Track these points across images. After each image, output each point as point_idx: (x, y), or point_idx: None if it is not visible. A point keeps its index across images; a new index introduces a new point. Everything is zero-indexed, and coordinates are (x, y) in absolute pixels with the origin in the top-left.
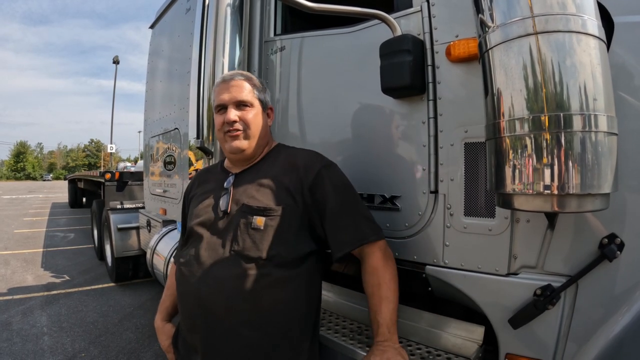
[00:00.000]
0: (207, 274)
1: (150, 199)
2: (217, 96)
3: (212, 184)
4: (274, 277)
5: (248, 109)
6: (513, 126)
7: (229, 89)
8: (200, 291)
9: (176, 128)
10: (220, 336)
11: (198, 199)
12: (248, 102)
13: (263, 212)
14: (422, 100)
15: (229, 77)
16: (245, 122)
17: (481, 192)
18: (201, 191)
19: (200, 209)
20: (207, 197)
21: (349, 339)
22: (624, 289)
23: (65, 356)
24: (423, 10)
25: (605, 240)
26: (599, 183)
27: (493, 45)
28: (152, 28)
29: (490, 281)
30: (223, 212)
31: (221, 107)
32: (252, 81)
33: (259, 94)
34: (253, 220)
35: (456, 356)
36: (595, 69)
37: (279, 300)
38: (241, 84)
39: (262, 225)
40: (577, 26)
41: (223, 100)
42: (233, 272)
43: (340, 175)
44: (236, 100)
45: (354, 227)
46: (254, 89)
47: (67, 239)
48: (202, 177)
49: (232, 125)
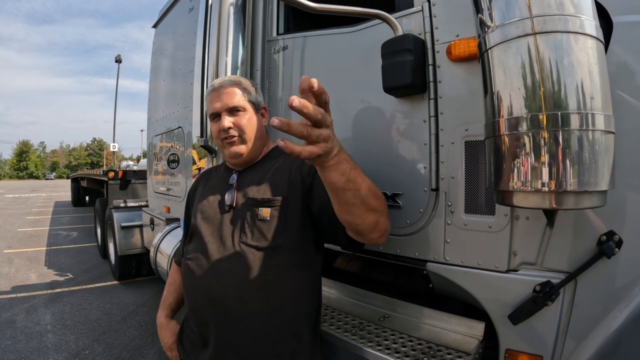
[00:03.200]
0: (215, 267)
1: (153, 197)
2: (210, 105)
3: (216, 182)
4: (282, 267)
5: (241, 113)
6: (512, 124)
7: (220, 97)
8: (210, 284)
9: (180, 127)
10: (230, 328)
11: (202, 196)
12: (240, 107)
13: (268, 203)
14: (423, 99)
15: (218, 84)
16: (239, 128)
17: (481, 189)
18: (205, 189)
19: (205, 204)
20: (211, 193)
21: (350, 334)
22: (622, 285)
23: (69, 353)
24: (424, 10)
25: (603, 237)
26: (596, 180)
27: (492, 45)
28: (155, 27)
29: (490, 277)
30: (229, 207)
31: (215, 115)
32: (242, 85)
33: (250, 96)
34: (259, 211)
35: (457, 352)
36: (592, 69)
37: (286, 291)
38: (231, 91)
39: (267, 215)
40: (575, 27)
41: (216, 109)
42: (242, 264)
43: None
44: (228, 107)
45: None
46: (244, 93)
47: (70, 237)
48: (207, 176)
49: (227, 132)
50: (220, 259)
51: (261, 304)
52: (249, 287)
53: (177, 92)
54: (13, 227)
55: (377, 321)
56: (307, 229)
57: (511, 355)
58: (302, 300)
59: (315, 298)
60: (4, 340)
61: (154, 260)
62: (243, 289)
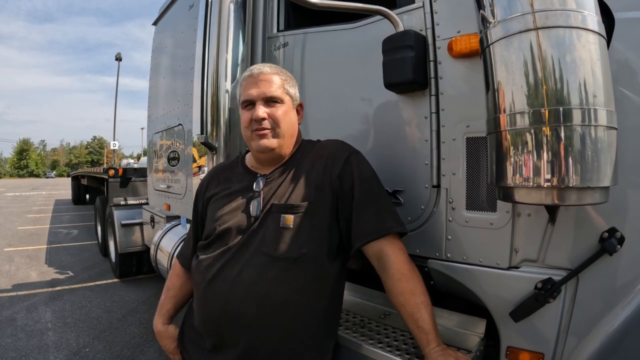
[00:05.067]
0: (235, 277)
1: (154, 194)
2: (243, 91)
3: (237, 185)
4: (305, 279)
5: (278, 105)
6: (513, 120)
7: (257, 84)
8: (228, 296)
9: (180, 124)
10: (249, 340)
11: (222, 200)
12: (278, 98)
13: (292, 210)
14: (424, 96)
15: (257, 70)
16: (274, 120)
17: (483, 186)
18: (224, 192)
19: (227, 211)
20: (232, 199)
21: (352, 332)
22: (624, 282)
23: (69, 351)
24: (425, 6)
25: (605, 234)
26: (598, 176)
27: (494, 40)
28: (155, 25)
29: (492, 275)
30: (254, 218)
31: (248, 103)
32: (282, 74)
33: (290, 89)
34: (282, 219)
35: (458, 349)
36: (595, 65)
37: (309, 302)
38: (270, 78)
39: (291, 223)
40: (577, 22)
41: (251, 96)
42: (263, 276)
43: (367, 164)
44: (265, 96)
45: (378, 217)
46: (284, 83)
47: (70, 235)
48: (222, 176)
49: (260, 123)
50: (241, 269)
51: (281, 316)
52: (268, 300)
53: (177, 90)
54: (13, 225)
55: (379, 319)
56: (333, 234)
57: (512, 353)
58: (323, 309)
59: (337, 304)
60: (4, 338)
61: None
62: (263, 303)
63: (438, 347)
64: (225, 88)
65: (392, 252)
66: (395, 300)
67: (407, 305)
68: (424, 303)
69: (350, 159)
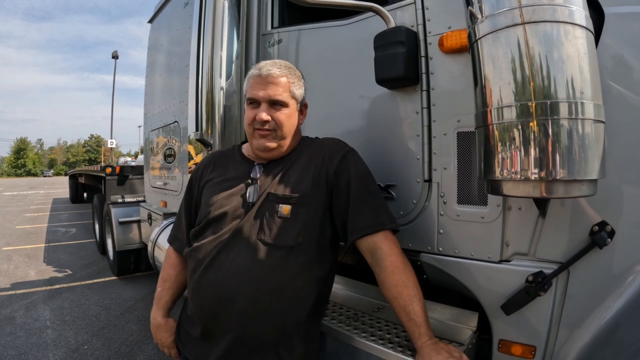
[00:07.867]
0: (230, 264)
1: (150, 192)
2: (250, 88)
3: (233, 172)
4: (299, 266)
5: (282, 109)
6: (501, 114)
7: (265, 86)
8: (224, 282)
9: (176, 121)
10: (241, 325)
11: (217, 186)
12: (283, 102)
13: (289, 200)
14: (415, 91)
15: (267, 71)
16: (277, 123)
17: (474, 180)
18: (220, 178)
19: (223, 197)
20: (229, 185)
21: (345, 325)
22: (615, 275)
23: (68, 349)
24: (416, 2)
25: (595, 227)
26: (586, 169)
27: (481, 35)
28: (151, 22)
29: (483, 268)
30: (251, 204)
31: (253, 101)
32: (291, 76)
33: (295, 92)
34: (279, 208)
35: (450, 342)
36: (582, 59)
37: (300, 289)
38: (278, 81)
39: (288, 213)
40: (564, 16)
41: (257, 96)
42: (258, 263)
43: (363, 162)
44: (270, 99)
45: (373, 213)
46: (291, 86)
47: (68, 233)
48: (218, 162)
49: (263, 124)
50: (236, 256)
51: (274, 302)
52: (264, 286)
53: (173, 87)
54: (11, 224)
55: (372, 312)
56: (326, 226)
57: (505, 346)
58: (314, 297)
59: (326, 293)
60: (3, 337)
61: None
62: (258, 288)
63: (430, 341)
64: (220, 85)
65: (386, 245)
66: (387, 292)
67: (399, 297)
68: (417, 296)
69: (347, 156)
